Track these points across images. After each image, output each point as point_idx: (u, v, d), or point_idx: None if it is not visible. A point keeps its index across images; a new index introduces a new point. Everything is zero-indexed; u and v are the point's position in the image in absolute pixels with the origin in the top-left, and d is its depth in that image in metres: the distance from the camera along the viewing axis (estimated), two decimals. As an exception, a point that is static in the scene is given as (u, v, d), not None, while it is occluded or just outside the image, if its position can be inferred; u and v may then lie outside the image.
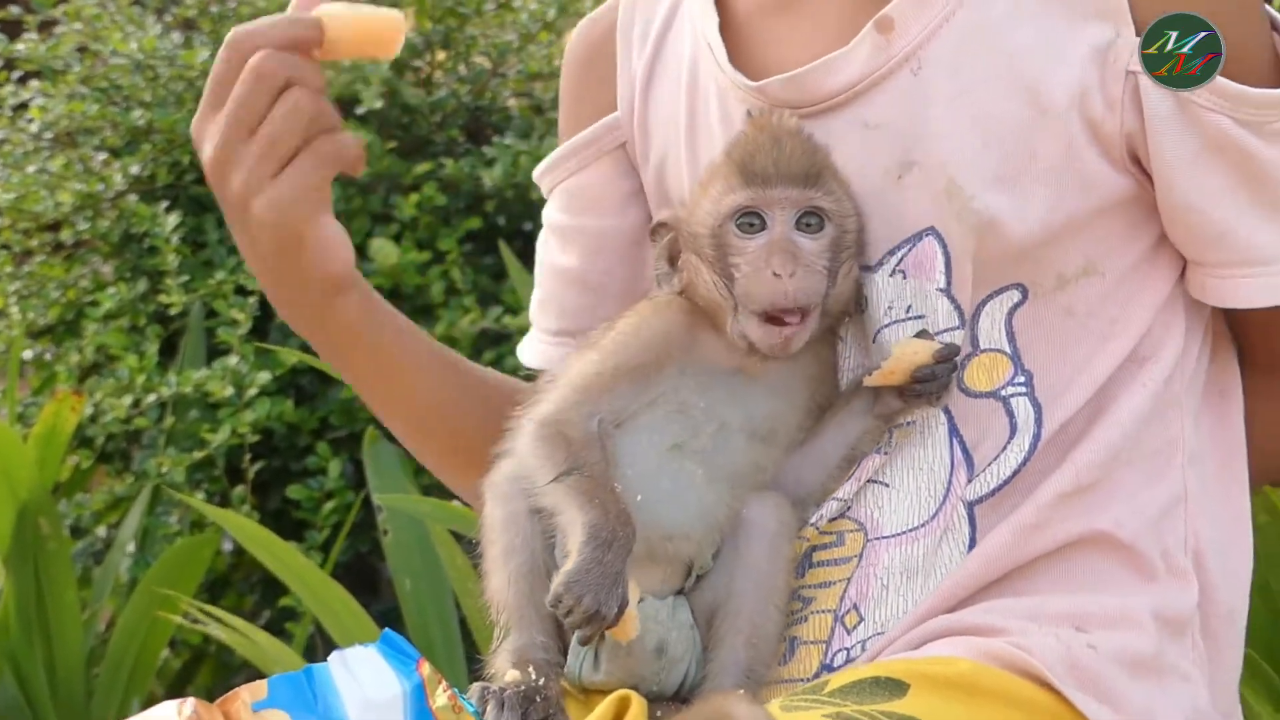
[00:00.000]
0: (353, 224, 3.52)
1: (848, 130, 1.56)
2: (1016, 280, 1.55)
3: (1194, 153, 1.51)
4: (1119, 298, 1.56)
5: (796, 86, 1.57)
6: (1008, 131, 1.52)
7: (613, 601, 1.42)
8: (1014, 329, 1.55)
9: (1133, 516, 1.55)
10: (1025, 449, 1.54)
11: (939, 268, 1.54)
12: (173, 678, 3.67)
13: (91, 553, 3.62)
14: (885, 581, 1.55)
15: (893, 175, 1.55)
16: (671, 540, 1.52)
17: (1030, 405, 1.54)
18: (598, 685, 1.54)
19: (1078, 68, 1.51)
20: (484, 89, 3.73)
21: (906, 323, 1.55)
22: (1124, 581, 1.55)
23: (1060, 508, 1.53)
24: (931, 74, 1.54)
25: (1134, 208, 1.56)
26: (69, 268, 3.76)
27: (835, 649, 1.55)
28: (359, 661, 1.34)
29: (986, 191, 1.52)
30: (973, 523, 1.54)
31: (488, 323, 3.37)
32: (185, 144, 3.56)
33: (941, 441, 1.56)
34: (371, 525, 3.34)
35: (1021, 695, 1.46)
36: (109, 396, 3.40)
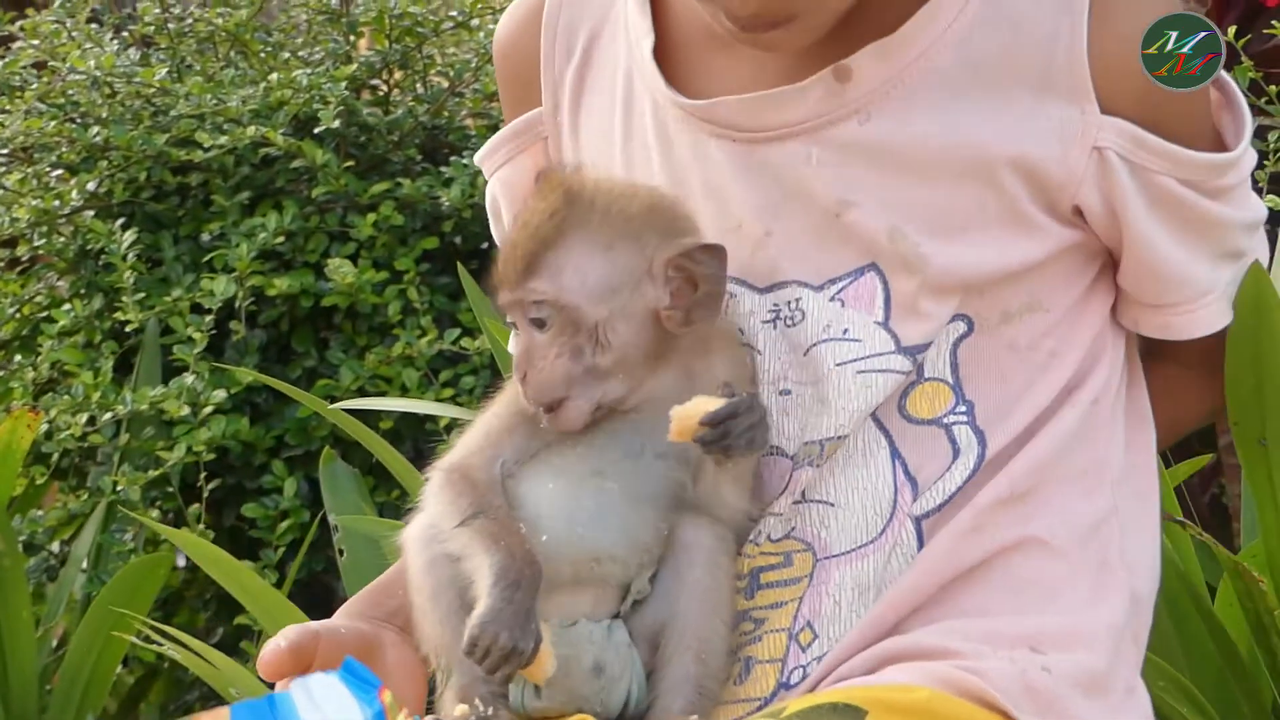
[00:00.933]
0: (309, 243, 3.52)
1: (787, 162, 1.59)
2: (963, 313, 1.57)
3: (1147, 208, 1.57)
4: (1059, 332, 1.61)
5: (748, 111, 1.59)
6: (954, 186, 1.56)
7: (528, 638, 1.44)
8: (958, 360, 1.58)
9: (1064, 526, 1.59)
10: (970, 469, 1.58)
11: (878, 303, 1.57)
12: (126, 694, 3.66)
13: (45, 569, 3.60)
14: (838, 598, 1.57)
15: (832, 212, 1.57)
16: (599, 562, 1.54)
17: (972, 433, 1.58)
18: (541, 712, 1.55)
19: (1032, 139, 1.55)
20: (442, 108, 3.73)
21: (842, 342, 1.57)
22: (1073, 597, 1.57)
23: (996, 513, 1.56)
24: (878, 126, 1.56)
25: (1078, 252, 1.61)
26: (24, 283, 3.75)
27: (791, 666, 1.57)
28: (321, 689, 1.35)
29: (933, 239, 1.55)
30: (920, 537, 1.57)
31: (445, 343, 3.37)
32: (141, 161, 3.55)
33: (884, 464, 1.58)
34: (327, 544, 3.34)
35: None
36: (64, 413, 3.38)
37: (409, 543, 1.59)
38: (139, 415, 3.39)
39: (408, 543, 1.60)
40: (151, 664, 3.66)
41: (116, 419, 3.38)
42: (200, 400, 3.32)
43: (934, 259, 1.55)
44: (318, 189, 3.48)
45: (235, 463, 3.47)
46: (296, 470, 3.43)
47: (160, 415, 3.37)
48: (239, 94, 3.53)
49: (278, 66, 3.65)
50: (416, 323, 3.42)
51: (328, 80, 3.51)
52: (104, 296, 3.57)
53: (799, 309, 1.59)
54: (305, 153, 3.45)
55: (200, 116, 3.51)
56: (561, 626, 1.54)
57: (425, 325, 3.40)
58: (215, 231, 3.54)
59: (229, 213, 3.52)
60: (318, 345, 3.56)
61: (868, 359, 1.57)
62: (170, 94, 3.56)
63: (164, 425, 3.41)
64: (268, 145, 3.49)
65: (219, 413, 3.35)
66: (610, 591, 1.56)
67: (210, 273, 3.45)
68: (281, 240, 3.45)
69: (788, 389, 1.60)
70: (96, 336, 3.56)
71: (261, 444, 3.45)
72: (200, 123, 3.51)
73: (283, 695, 1.33)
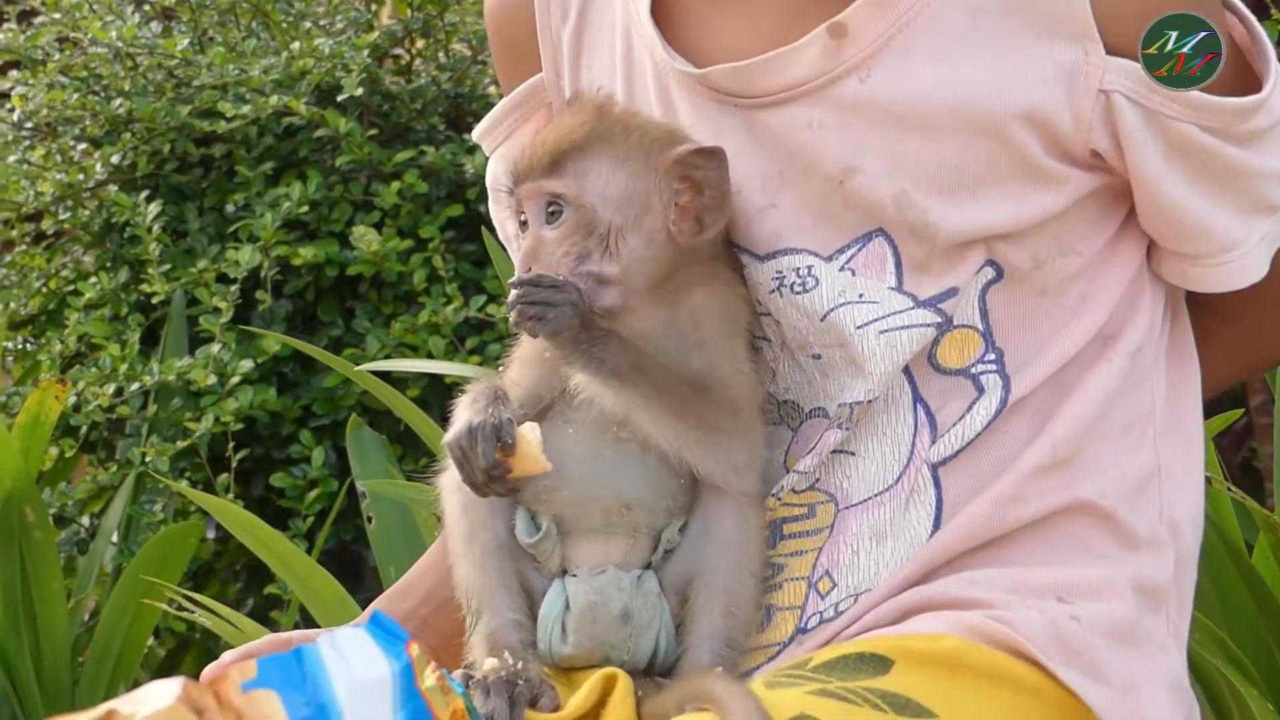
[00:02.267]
0: (334, 212, 3.52)
1: (788, 127, 1.56)
2: (990, 258, 1.55)
3: (1164, 156, 1.52)
4: (1089, 274, 1.57)
5: (743, 78, 1.56)
6: (961, 143, 1.52)
7: (509, 424, 1.48)
8: (987, 306, 1.56)
9: (1113, 486, 1.56)
10: (990, 413, 1.55)
11: (889, 268, 1.55)
12: (158, 665, 3.67)
13: (75, 542, 3.62)
14: (855, 547, 1.56)
15: (835, 179, 1.54)
16: (630, 509, 1.54)
17: (1000, 379, 1.55)
18: (569, 659, 1.56)
19: (1038, 84, 1.51)
20: (464, 76, 3.73)
21: (860, 305, 1.55)
22: (1105, 551, 1.56)
23: (1039, 481, 1.54)
24: (879, 83, 1.53)
25: (1103, 195, 1.57)
26: (50, 257, 3.76)
27: (809, 613, 1.56)
28: (348, 642, 1.34)
29: (942, 204, 1.52)
30: (938, 485, 1.55)
31: (471, 310, 3.37)
32: (165, 132, 3.56)
33: (905, 408, 1.57)
34: (355, 513, 3.35)
35: (1006, 671, 1.47)
36: (92, 385, 3.40)
37: (444, 487, 1.60)
38: (166, 386, 3.40)
39: (444, 487, 1.60)
40: (182, 635, 3.68)
41: (144, 390, 3.39)
42: (227, 370, 3.33)
43: (943, 226, 1.52)
44: (341, 158, 3.48)
45: (263, 432, 3.48)
46: (324, 439, 3.44)
47: (187, 386, 3.38)
48: (261, 64, 3.53)
49: (300, 36, 3.65)
50: (442, 290, 3.42)
51: (350, 49, 3.50)
52: (130, 269, 3.57)
53: (811, 276, 1.56)
54: (328, 122, 3.45)
55: (223, 87, 3.51)
56: (591, 574, 1.55)
57: (451, 293, 3.39)
58: (239, 202, 3.55)
59: (253, 183, 3.52)
60: (343, 314, 3.56)
61: (887, 318, 1.55)
62: (193, 65, 3.56)
63: (191, 396, 3.42)
64: (291, 115, 3.49)
65: (246, 383, 3.35)
66: (642, 542, 1.56)
67: (235, 243, 3.46)
68: (306, 210, 3.45)
69: (818, 353, 1.58)
70: (123, 309, 3.56)
71: (289, 414, 3.46)
72: (223, 93, 3.51)
73: (310, 648, 1.32)
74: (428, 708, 1.33)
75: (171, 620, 3.49)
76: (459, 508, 1.58)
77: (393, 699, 1.33)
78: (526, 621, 1.56)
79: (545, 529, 1.56)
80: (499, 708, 1.45)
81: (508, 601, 1.56)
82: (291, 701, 1.29)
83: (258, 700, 1.29)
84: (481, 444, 1.48)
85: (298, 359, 3.48)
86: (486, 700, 1.45)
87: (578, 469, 1.53)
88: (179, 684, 1.27)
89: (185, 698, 1.26)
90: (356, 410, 3.34)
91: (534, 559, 1.57)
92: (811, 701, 1.40)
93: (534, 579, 1.57)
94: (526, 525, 1.57)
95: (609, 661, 1.54)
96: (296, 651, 1.32)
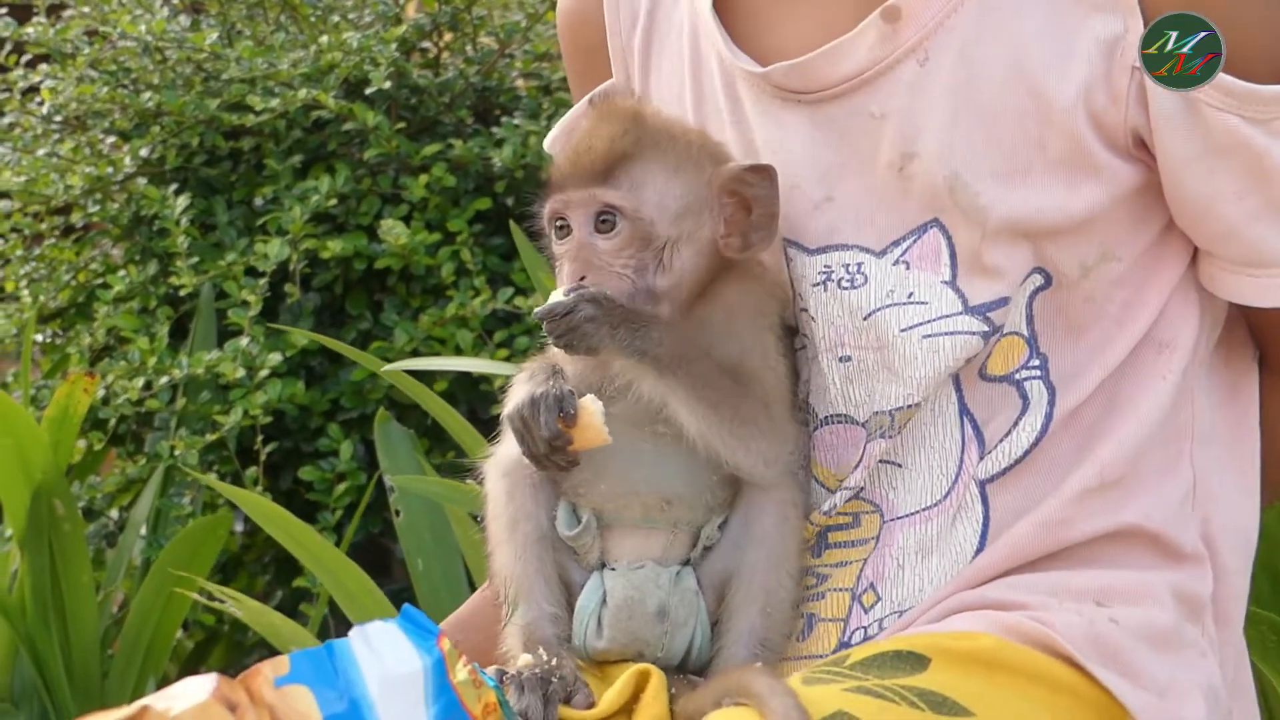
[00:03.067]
0: (362, 206, 3.52)
1: (852, 119, 1.56)
2: (1040, 266, 1.54)
3: (1200, 153, 1.50)
4: (1132, 281, 1.55)
5: (801, 74, 1.56)
6: (1014, 123, 1.51)
7: (570, 395, 1.48)
8: (1033, 313, 1.55)
9: (1158, 508, 1.55)
10: (1037, 428, 1.54)
11: (944, 260, 1.54)
12: (186, 658, 3.68)
13: (104, 535, 3.62)
14: (901, 561, 1.55)
15: (895, 166, 1.54)
16: (669, 504, 1.54)
17: (1044, 387, 1.54)
18: (603, 654, 1.56)
19: (1084, 60, 1.50)
20: (492, 70, 3.72)
21: (908, 306, 1.54)
22: (1146, 561, 1.55)
23: (1086, 503, 1.53)
24: (938, 64, 1.53)
25: (1146, 193, 1.55)
26: (79, 251, 3.76)
27: (853, 627, 1.55)
28: (380, 636, 1.34)
29: (994, 187, 1.51)
30: (985, 502, 1.54)
31: (499, 303, 3.37)
32: (194, 126, 3.56)
33: (952, 420, 1.56)
34: (382, 506, 3.34)
35: (1043, 670, 1.46)
36: (120, 379, 3.40)
37: (489, 472, 1.60)
38: (195, 379, 3.40)
39: (488, 472, 1.60)
40: (211, 628, 3.68)
41: (172, 384, 3.40)
42: (255, 364, 3.33)
43: (993, 210, 1.51)
44: (369, 151, 3.48)
45: (291, 426, 3.48)
46: (352, 433, 3.44)
47: (216, 379, 3.38)
48: (290, 57, 3.53)
49: (328, 29, 3.65)
50: (470, 283, 3.41)
51: (378, 42, 3.50)
52: (158, 262, 3.58)
53: (860, 273, 1.56)
54: (356, 115, 3.45)
55: (251, 81, 3.51)
56: (629, 568, 1.55)
57: (479, 286, 3.39)
58: (268, 195, 3.55)
59: (281, 176, 3.53)
60: (371, 308, 3.56)
61: (933, 322, 1.54)
62: (221, 59, 3.56)
63: (220, 389, 3.43)
64: (319, 108, 3.49)
65: (274, 376, 3.35)
66: (681, 538, 1.56)
67: (263, 236, 3.46)
68: (334, 203, 3.45)
69: (847, 355, 1.57)
70: (151, 302, 3.57)
71: (317, 407, 3.46)
72: (251, 87, 3.51)
73: (342, 643, 1.32)
74: (460, 701, 1.33)
75: (200, 613, 3.50)
76: (503, 495, 1.58)
77: (425, 693, 1.32)
78: (563, 615, 1.56)
79: (585, 522, 1.56)
80: (533, 705, 1.45)
81: (545, 594, 1.55)
82: (324, 696, 1.29)
83: (290, 696, 1.29)
84: (544, 414, 1.47)
85: (325, 352, 3.48)
86: (521, 697, 1.45)
87: (616, 462, 1.53)
88: (212, 680, 1.27)
89: (218, 694, 1.26)
90: (384, 404, 3.34)
91: (574, 551, 1.57)
92: (849, 699, 1.39)
93: (573, 571, 1.58)
94: (567, 517, 1.57)
95: (643, 657, 1.54)
96: (328, 646, 1.32)
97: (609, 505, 1.55)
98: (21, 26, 3.65)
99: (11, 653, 3.33)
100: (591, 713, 1.48)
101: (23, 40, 3.66)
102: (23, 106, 3.67)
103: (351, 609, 2.63)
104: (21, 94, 3.67)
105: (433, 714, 1.31)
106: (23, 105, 3.67)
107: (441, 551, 2.94)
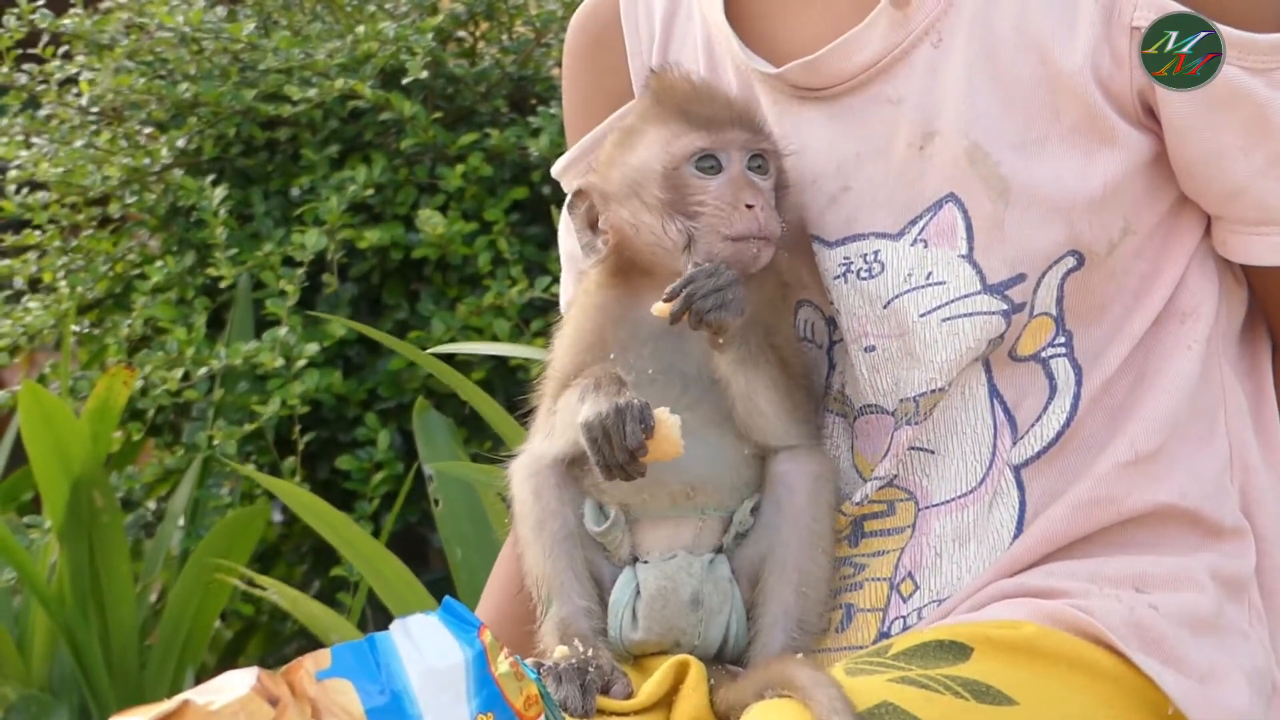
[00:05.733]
0: (399, 195, 3.52)
1: (870, 107, 1.56)
2: (1073, 248, 1.53)
3: (1203, 108, 1.49)
4: (1148, 253, 1.55)
5: (816, 70, 1.57)
6: (1028, 92, 1.51)
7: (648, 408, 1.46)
8: (1064, 292, 1.54)
9: (1194, 484, 1.54)
10: (1067, 410, 1.54)
11: (960, 234, 1.54)
12: (225, 648, 3.69)
13: (142, 525, 3.63)
14: (939, 549, 1.55)
15: (915, 147, 1.54)
16: (695, 490, 1.53)
17: (1070, 366, 1.54)
18: (639, 645, 1.55)
19: (1087, 23, 1.50)
20: (528, 59, 3.72)
21: (926, 289, 1.54)
22: (1185, 543, 1.54)
23: (1120, 481, 1.52)
24: (951, 43, 1.53)
25: (1159, 164, 1.54)
26: (117, 241, 3.77)
27: (892, 617, 1.55)
28: (421, 629, 1.34)
29: (1014, 157, 1.51)
30: (1021, 487, 1.54)
31: (536, 292, 3.36)
32: (231, 117, 3.56)
33: (982, 403, 1.55)
34: (421, 496, 3.35)
35: (1085, 658, 1.45)
36: (158, 369, 3.41)
37: (515, 472, 1.60)
38: (232, 370, 3.40)
39: (513, 474, 1.60)
40: (249, 618, 3.69)
41: (210, 374, 3.40)
42: (293, 354, 3.33)
43: (1014, 179, 1.51)
44: (406, 141, 3.48)
45: (329, 416, 3.49)
46: (389, 423, 3.44)
47: (254, 370, 3.39)
48: (326, 47, 3.53)
49: (364, 19, 3.65)
50: (507, 272, 3.41)
51: (414, 32, 3.50)
52: (196, 253, 3.58)
53: (877, 261, 1.56)
54: (393, 105, 3.45)
55: (288, 71, 3.51)
56: (661, 559, 1.54)
57: (515, 275, 3.39)
58: (305, 185, 3.55)
59: (318, 166, 3.53)
60: (408, 297, 3.56)
61: (952, 304, 1.53)
62: (258, 49, 3.56)
63: (257, 379, 3.43)
64: (356, 98, 3.49)
65: (312, 366, 3.36)
66: (711, 524, 1.55)
67: (301, 227, 3.46)
68: (371, 193, 3.45)
69: (871, 345, 1.57)
70: (189, 293, 3.57)
71: (355, 397, 3.46)
72: (288, 77, 3.51)
73: (383, 636, 1.32)
74: (501, 694, 1.33)
75: (238, 603, 3.51)
76: (530, 496, 1.58)
77: (467, 685, 1.32)
78: (597, 609, 1.56)
79: (613, 517, 1.55)
80: (571, 695, 1.45)
81: (577, 589, 1.55)
82: (366, 690, 1.29)
83: (332, 689, 1.28)
84: (629, 424, 1.45)
85: (363, 342, 3.48)
86: (558, 688, 1.45)
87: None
88: (253, 674, 1.26)
89: (260, 687, 1.26)
90: (422, 393, 3.34)
91: (604, 548, 1.56)
92: (893, 689, 1.38)
93: (604, 568, 1.57)
94: (594, 514, 1.56)
95: (679, 647, 1.54)
96: (370, 639, 1.32)
97: (635, 498, 1.55)
98: (59, 18, 3.66)
99: (51, 644, 3.35)
100: (631, 703, 1.48)
101: (60, 32, 3.66)
102: (60, 98, 3.68)
103: (389, 598, 2.64)
104: (59, 85, 3.68)
105: (474, 706, 1.31)
106: (60, 97, 3.68)
107: (480, 539, 2.95)
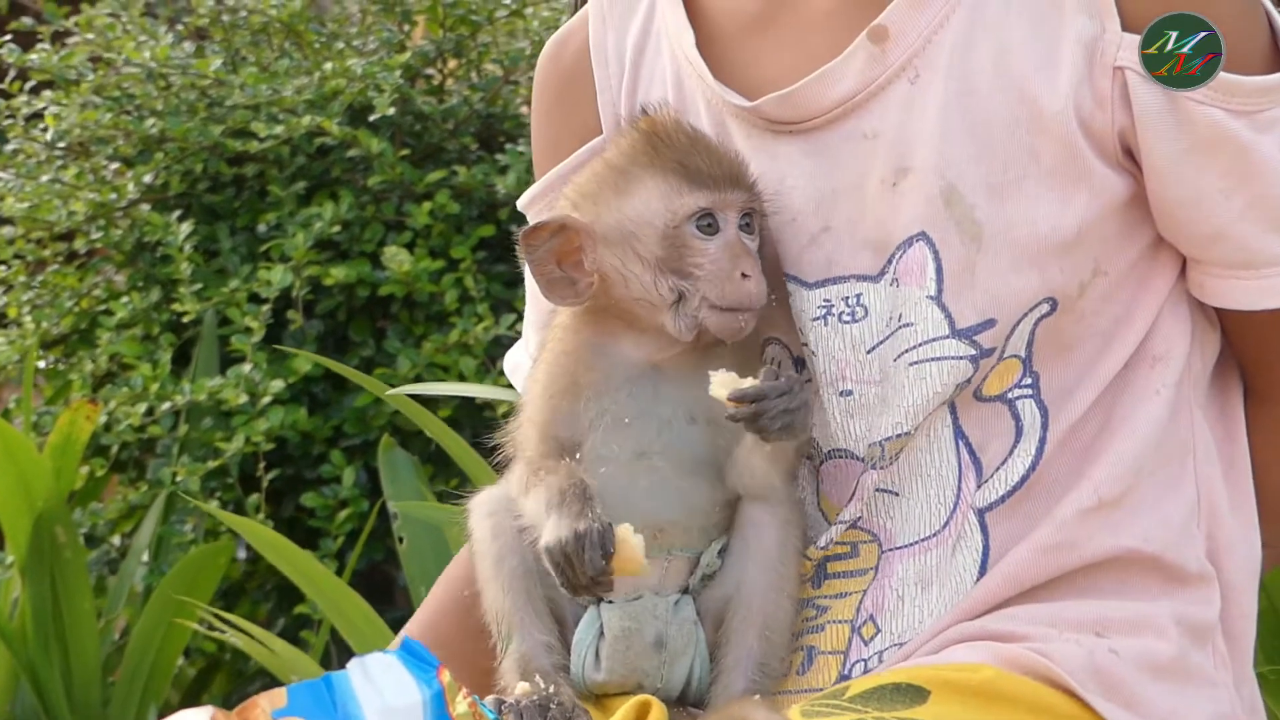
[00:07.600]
0: (365, 232, 3.52)
1: (846, 143, 1.55)
2: (1048, 295, 1.52)
3: (1185, 150, 1.49)
4: (1121, 296, 1.54)
5: (791, 104, 1.55)
6: (1006, 133, 1.50)
7: (609, 530, 1.44)
8: (1035, 335, 1.53)
9: (1159, 529, 1.53)
10: (1032, 453, 1.52)
11: (929, 274, 1.52)
12: (188, 686, 3.67)
13: (106, 561, 3.62)
14: (900, 593, 1.54)
15: (888, 183, 1.53)
16: (662, 532, 1.52)
17: (1036, 407, 1.53)
18: (601, 686, 1.54)
19: (1068, 64, 1.49)
20: (496, 96, 3.73)
21: (900, 332, 1.53)
22: (1147, 588, 1.53)
23: (1083, 525, 1.51)
24: (929, 80, 1.52)
25: (1134, 206, 1.53)
26: (82, 277, 3.77)
27: (853, 660, 1.54)
28: (379, 668, 1.33)
29: (989, 201, 1.50)
30: (984, 531, 1.53)
31: (502, 330, 3.37)
32: (197, 153, 3.56)
33: (947, 445, 1.54)
34: (385, 533, 3.34)
35: (1043, 702, 1.45)
36: (123, 405, 3.40)
37: (474, 510, 1.59)
38: (197, 406, 3.40)
39: (473, 510, 1.60)
40: (213, 655, 3.68)
41: (175, 410, 3.40)
42: (258, 390, 3.33)
43: (989, 224, 1.50)
44: (373, 178, 3.48)
45: (293, 453, 3.48)
46: (355, 460, 3.44)
47: (218, 406, 3.38)
48: (293, 84, 3.54)
49: (332, 56, 3.66)
50: (473, 310, 3.42)
51: (382, 69, 3.51)
52: (161, 288, 3.58)
53: (860, 305, 1.54)
54: (360, 142, 3.45)
55: (255, 107, 3.52)
56: (626, 600, 1.53)
57: (482, 312, 3.39)
58: (271, 222, 3.55)
59: (285, 203, 3.53)
60: (375, 334, 3.56)
61: (920, 347, 1.52)
62: (225, 85, 3.57)
63: (222, 416, 3.42)
64: (323, 135, 3.49)
65: (277, 403, 3.36)
66: (677, 565, 1.55)
67: (267, 263, 3.46)
68: (338, 230, 3.45)
69: (848, 389, 1.55)
70: (154, 328, 3.57)
71: (320, 434, 3.46)
72: (255, 113, 3.51)
73: (340, 675, 1.31)
74: (459, 734, 1.32)
75: (202, 640, 3.49)
76: (488, 533, 1.57)
77: (424, 726, 1.31)
78: (557, 644, 1.55)
79: None
80: (532, 733, 1.44)
81: (537, 625, 1.54)
82: (322, 730, 1.29)
83: (288, 728, 1.28)
84: (589, 551, 1.43)
85: (329, 379, 3.48)
86: (519, 724, 1.44)
87: (611, 501, 1.51)
88: (207, 713, 1.26)
89: (215, 727, 1.25)
90: (388, 430, 3.34)
91: None
92: (849, 733, 1.38)
93: (565, 605, 1.56)
94: None
95: (642, 688, 1.53)
96: (326, 678, 1.31)
97: None
98: (26, 53, 3.65)
99: (13, 680, 3.33)
100: (590, 742, 1.47)
101: (27, 66, 3.66)
102: (26, 133, 3.68)
103: (353, 637, 2.63)
104: (25, 120, 3.68)
105: (432, 747, 1.31)
106: (26, 131, 3.68)
107: (444, 579, 2.93)
